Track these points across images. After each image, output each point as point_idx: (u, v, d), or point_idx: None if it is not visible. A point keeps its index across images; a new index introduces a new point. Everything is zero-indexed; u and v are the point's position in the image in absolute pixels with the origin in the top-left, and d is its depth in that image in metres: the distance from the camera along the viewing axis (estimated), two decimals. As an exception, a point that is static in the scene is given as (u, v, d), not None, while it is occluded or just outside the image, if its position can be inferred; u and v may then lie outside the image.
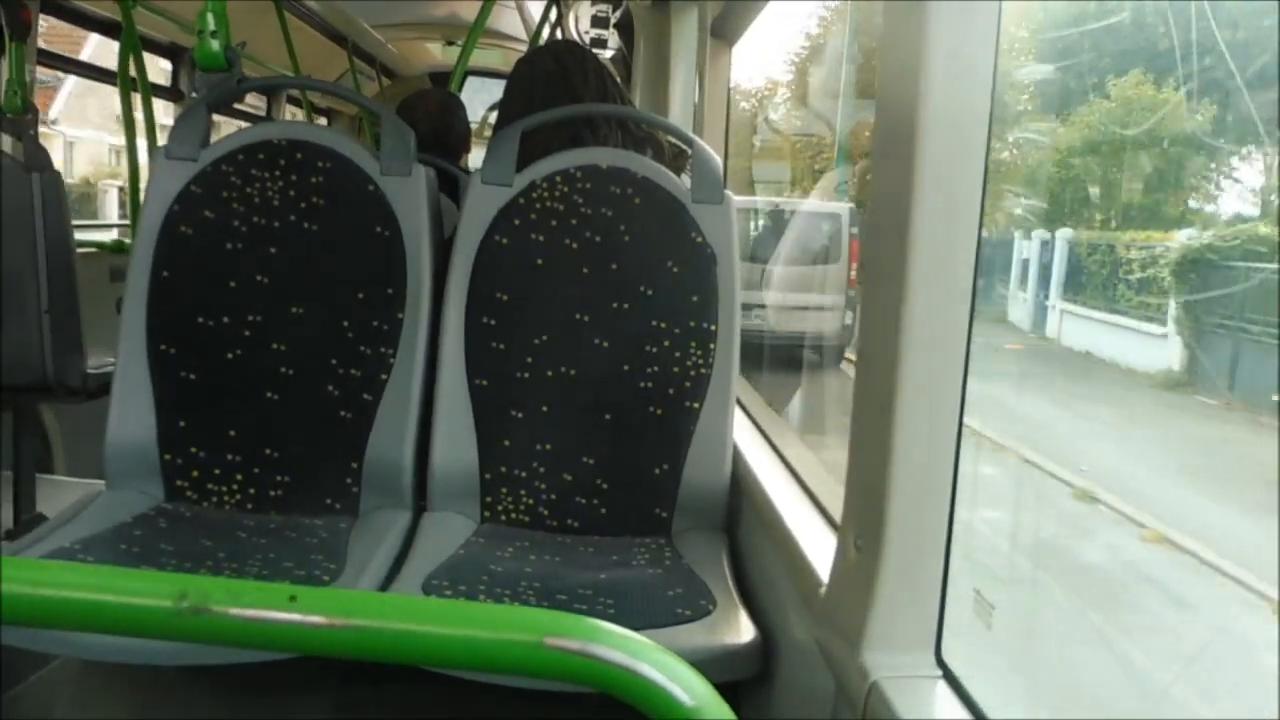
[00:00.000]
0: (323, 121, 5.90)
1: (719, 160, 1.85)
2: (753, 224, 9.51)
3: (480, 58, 4.93)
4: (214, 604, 0.66)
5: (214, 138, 1.84)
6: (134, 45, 3.14)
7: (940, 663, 1.01)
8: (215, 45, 1.78)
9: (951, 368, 0.97)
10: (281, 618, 0.66)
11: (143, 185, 3.23)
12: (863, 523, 1.04)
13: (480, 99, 5.22)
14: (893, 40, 1.02)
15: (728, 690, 1.48)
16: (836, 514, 1.24)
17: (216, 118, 1.95)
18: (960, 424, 0.98)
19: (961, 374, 0.98)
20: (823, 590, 1.16)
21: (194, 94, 1.96)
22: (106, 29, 3.45)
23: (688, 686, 0.64)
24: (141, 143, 3.28)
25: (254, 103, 5.41)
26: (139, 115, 3.27)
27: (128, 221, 3.64)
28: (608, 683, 0.64)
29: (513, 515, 1.75)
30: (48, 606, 0.65)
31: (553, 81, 2.01)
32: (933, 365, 0.96)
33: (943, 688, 0.98)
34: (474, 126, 5.14)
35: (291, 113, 5.38)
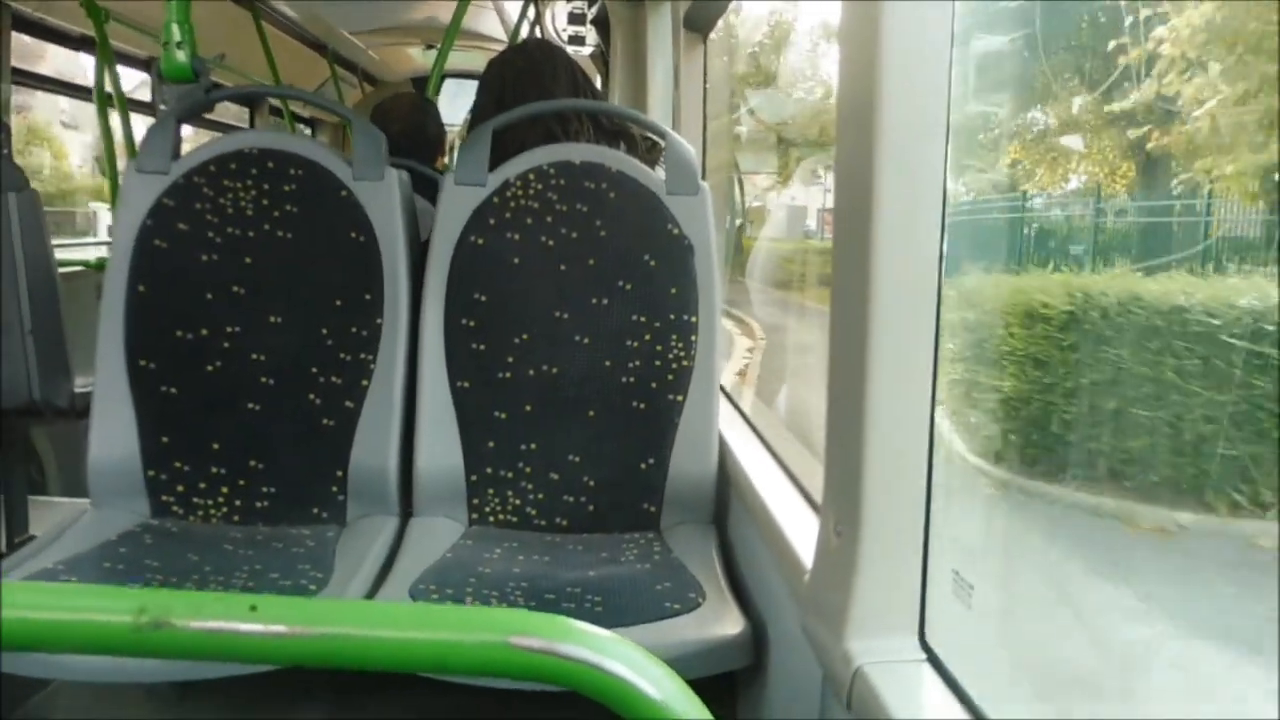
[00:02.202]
0: (306, 131, 5.88)
1: (694, 151, 1.84)
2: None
3: (460, 60, 4.92)
4: (175, 618, 0.65)
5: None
6: (109, 60, 3.13)
7: (924, 646, 1.00)
8: (181, 56, 1.77)
9: (921, 349, 0.96)
10: (243, 629, 0.65)
11: None
12: (842, 508, 1.03)
13: (461, 102, 5.20)
14: (851, 21, 1.01)
15: (722, 682, 1.48)
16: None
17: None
18: (933, 406, 0.98)
19: (932, 355, 0.97)
20: (807, 578, 1.15)
21: (163, 105, 1.95)
22: (80, 45, 3.43)
23: (655, 681, 0.63)
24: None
25: (239, 119, 5.39)
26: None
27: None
28: (575, 681, 0.63)
29: (500, 517, 1.74)
30: (5, 628, 0.64)
31: (523, 80, 2.00)
32: (902, 347, 0.96)
33: (928, 671, 0.97)
34: (456, 129, 5.13)
35: (276, 124, 5.37)
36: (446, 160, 2.89)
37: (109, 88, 3.27)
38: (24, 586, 0.67)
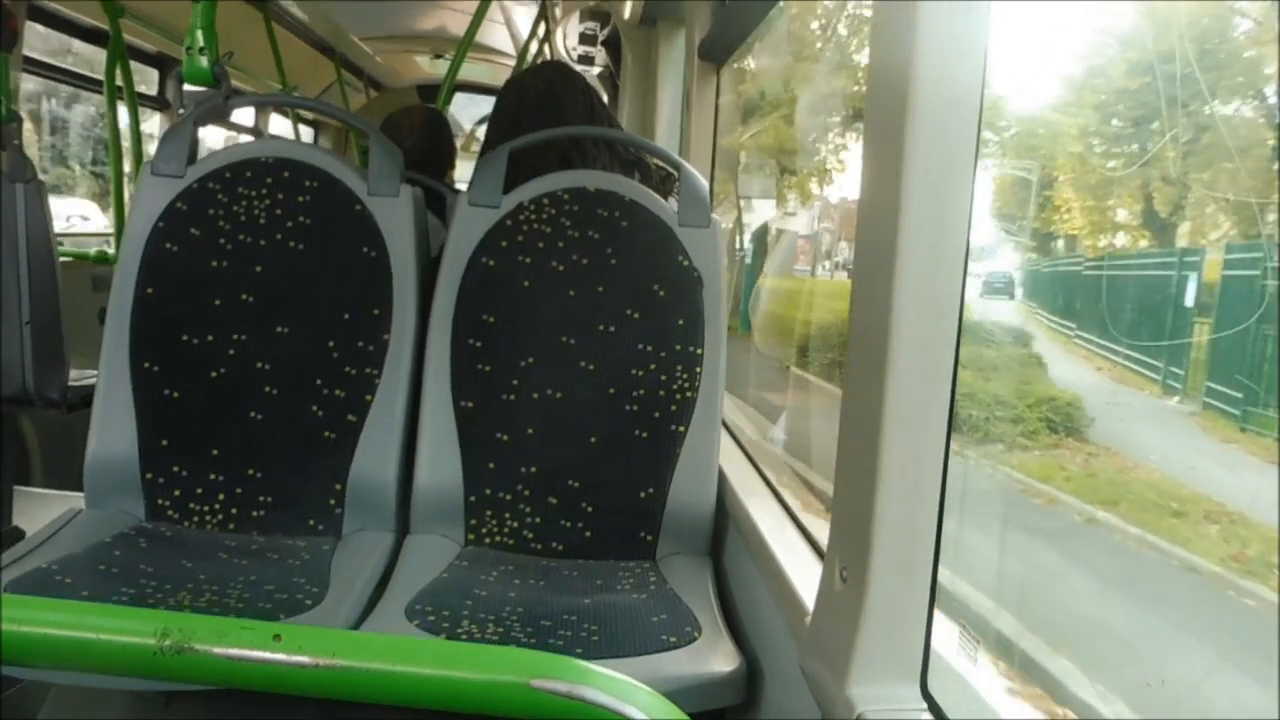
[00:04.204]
0: (309, 131, 5.87)
1: (705, 184, 1.85)
2: None
3: (468, 71, 4.92)
4: (197, 642, 0.65)
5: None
6: (121, 54, 3.13)
7: (926, 695, 1.00)
8: (204, 62, 1.77)
9: (937, 397, 0.97)
10: (265, 657, 0.65)
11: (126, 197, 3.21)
12: (848, 552, 1.04)
13: (468, 113, 5.22)
14: (882, 29, 1.00)
15: (713, 718, 1.47)
16: (823, 542, 1.24)
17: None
18: (947, 454, 0.98)
19: (948, 403, 0.98)
20: (808, 619, 1.15)
21: (181, 109, 1.95)
22: (93, 38, 3.43)
23: None
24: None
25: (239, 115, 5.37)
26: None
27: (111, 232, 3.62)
28: None
29: (497, 538, 1.74)
30: (25, 644, 0.64)
31: (541, 103, 2.01)
32: (918, 394, 0.96)
33: None
34: (461, 139, 5.14)
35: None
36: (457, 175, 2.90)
37: (119, 81, 3.26)
38: (43, 603, 0.67)
